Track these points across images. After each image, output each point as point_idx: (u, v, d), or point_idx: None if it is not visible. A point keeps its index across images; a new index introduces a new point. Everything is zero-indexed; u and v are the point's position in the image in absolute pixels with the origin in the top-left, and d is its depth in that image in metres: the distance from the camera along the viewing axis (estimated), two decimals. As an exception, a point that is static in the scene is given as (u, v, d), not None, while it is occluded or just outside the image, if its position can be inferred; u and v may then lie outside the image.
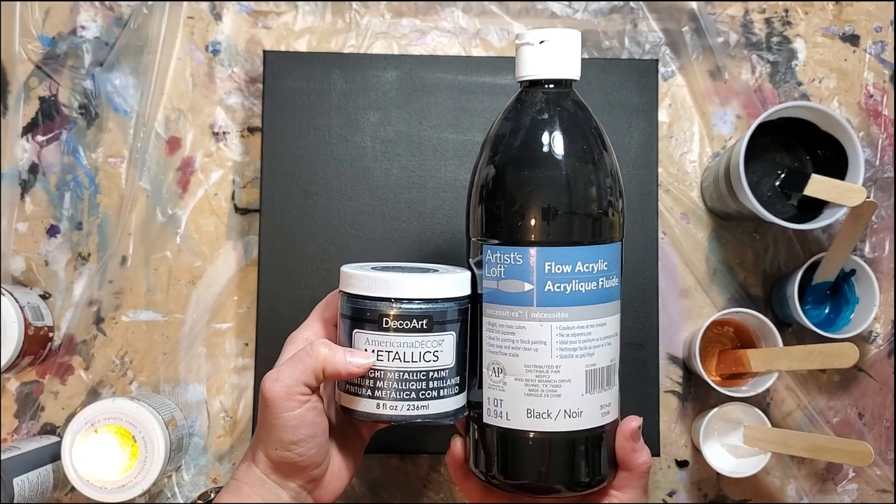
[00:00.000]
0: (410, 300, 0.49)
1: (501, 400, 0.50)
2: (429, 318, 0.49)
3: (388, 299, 0.49)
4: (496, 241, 0.50)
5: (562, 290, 0.49)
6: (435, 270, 0.52)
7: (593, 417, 0.50)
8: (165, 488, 0.73)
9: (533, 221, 0.49)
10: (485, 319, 0.51)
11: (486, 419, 0.51)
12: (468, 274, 0.52)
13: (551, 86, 0.51)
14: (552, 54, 0.50)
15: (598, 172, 0.50)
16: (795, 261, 0.75)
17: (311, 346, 0.50)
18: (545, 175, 0.49)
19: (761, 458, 0.70)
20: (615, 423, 0.53)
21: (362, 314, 0.50)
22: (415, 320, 0.49)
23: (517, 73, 0.52)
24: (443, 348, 0.50)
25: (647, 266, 0.70)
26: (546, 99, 0.51)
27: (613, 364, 0.52)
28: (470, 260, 0.53)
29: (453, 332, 0.50)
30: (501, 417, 0.50)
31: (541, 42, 0.50)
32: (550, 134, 0.50)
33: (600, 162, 0.50)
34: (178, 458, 0.70)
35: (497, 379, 0.50)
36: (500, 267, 0.50)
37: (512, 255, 0.49)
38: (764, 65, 0.76)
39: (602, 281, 0.50)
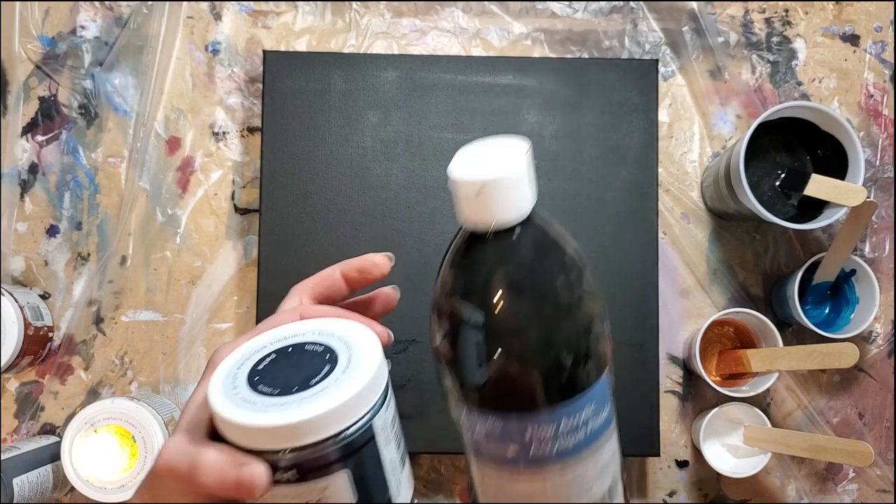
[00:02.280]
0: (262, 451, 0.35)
1: None
2: (297, 467, 0.36)
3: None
4: (469, 405, 0.42)
5: (549, 450, 0.42)
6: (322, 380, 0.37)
7: None
8: (165, 488, 0.73)
9: (503, 391, 0.41)
10: (473, 458, 0.44)
11: None
12: (356, 386, 0.36)
13: (495, 234, 0.40)
14: (493, 200, 0.39)
15: (573, 323, 0.41)
16: (795, 261, 0.75)
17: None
18: (513, 343, 0.40)
19: (761, 458, 0.70)
20: None
21: None
22: (280, 472, 0.36)
23: (458, 216, 0.40)
24: (329, 494, 0.37)
25: (647, 266, 0.70)
26: (496, 249, 0.40)
27: (615, 482, 0.47)
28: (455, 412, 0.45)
29: (345, 472, 0.37)
30: None
31: (476, 195, 0.39)
32: (510, 294, 0.40)
33: (575, 308, 0.41)
34: (177, 458, 0.70)
35: None
36: (480, 428, 0.42)
37: (489, 422, 0.42)
38: (764, 65, 0.76)
39: (590, 423, 0.43)
